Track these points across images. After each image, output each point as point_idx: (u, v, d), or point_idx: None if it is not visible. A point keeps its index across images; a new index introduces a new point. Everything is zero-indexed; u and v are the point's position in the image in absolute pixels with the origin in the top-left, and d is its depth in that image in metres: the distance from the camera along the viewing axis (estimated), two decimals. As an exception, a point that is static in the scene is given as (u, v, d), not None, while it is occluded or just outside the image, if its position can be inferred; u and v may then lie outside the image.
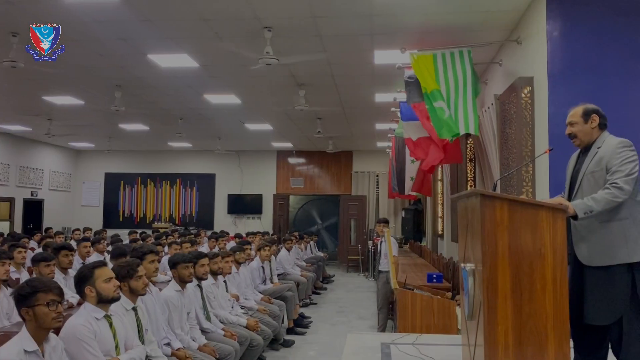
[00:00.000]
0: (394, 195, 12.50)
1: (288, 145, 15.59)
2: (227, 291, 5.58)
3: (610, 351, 2.95)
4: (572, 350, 2.84)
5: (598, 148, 2.95)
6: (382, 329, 6.72)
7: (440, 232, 11.66)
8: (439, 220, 11.80)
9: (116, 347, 3.14)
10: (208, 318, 4.83)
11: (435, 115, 5.54)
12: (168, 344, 4.01)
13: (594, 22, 4.80)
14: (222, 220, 16.47)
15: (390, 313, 6.88)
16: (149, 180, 16.99)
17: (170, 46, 6.79)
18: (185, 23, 6.04)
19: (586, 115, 3.00)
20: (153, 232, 11.80)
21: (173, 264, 4.49)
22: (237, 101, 9.76)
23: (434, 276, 6.62)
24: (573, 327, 2.79)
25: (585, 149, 3.04)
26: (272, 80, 8.37)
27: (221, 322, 4.99)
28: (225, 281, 5.61)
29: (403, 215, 15.85)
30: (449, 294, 5.91)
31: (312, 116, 10.93)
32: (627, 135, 2.95)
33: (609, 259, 2.80)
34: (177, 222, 16.53)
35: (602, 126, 3.01)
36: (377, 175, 16.20)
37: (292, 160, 16.71)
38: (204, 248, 8.67)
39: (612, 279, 2.78)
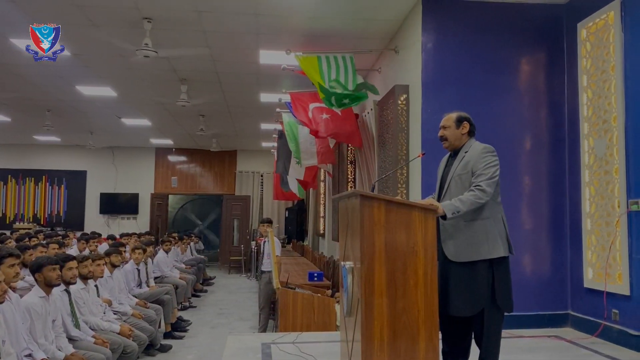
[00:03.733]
0: (280, 197, 12.60)
1: (168, 142, 15.03)
2: (98, 296, 5.26)
3: (473, 341, 3.20)
4: (440, 342, 3.04)
5: (465, 153, 3.20)
6: (264, 329, 6.72)
7: (321, 232, 11.94)
8: (321, 220, 12.07)
9: (-35, 362, 2.81)
10: (77, 325, 4.51)
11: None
12: (30, 355, 3.69)
13: (463, 36, 5.20)
14: (94, 220, 15.43)
15: (271, 313, 6.90)
16: (9, 176, 15.44)
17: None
18: (55, 7, 5.58)
19: (459, 121, 3.25)
20: (13, 233, 10.73)
21: (37, 267, 4.13)
22: (112, 94, 9.21)
23: (315, 275, 6.77)
24: (440, 320, 2.98)
25: (454, 153, 3.28)
26: (151, 74, 8.02)
27: (92, 329, 4.70)
28: (96, 285, 5.28)
29: (286, 215, 16.01)
30: (329, 292, 6.06)
31: (195, 113, 10.64)
32: (488, 142, 3.23)
33: (472, 255, 3.04)
34: (42, 223, 15.19)
35: (471, 133, 3.27)
36: (262, 176, 16.19)
37: (172, 158, 16.13)
38: (73, 250, 8.05)
39: (474, 274, 3.02)
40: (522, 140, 5.24)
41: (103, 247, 8.41)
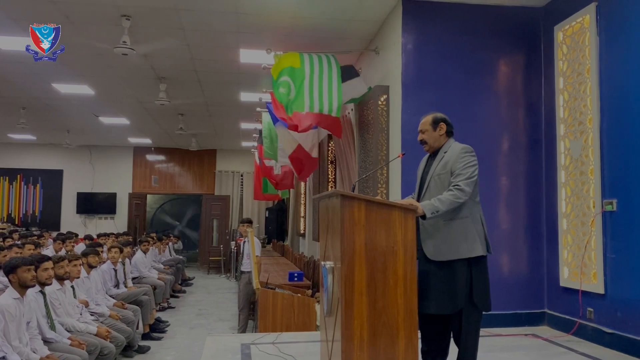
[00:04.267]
0: (260, 197, 12.54)
1: (147, 141, 14.86)
2: (75, 297, 5.18)
3: (452, 340, 3.23)
4: (419, 341, 3.06)
5: (444, 153, 3.22)
6: (243, 329, 6.69)
7: (302, 232, 11.93)
8: (301, 219, 12.06)
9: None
10: (52, 327, 4.43)
11: (280, 96, 5.65)
12: (3, 358, 3.62)
13: (443, 38, 5.25)
14: (70, 220, 15.18)
15: (251, 313, 6.87)
16: (-17, 175, 15.13)
17: (13, 28, 6.10)
18: (30, 3, 5.48)
19: (435, 123, 3.27)
20: (-14, 234, 10.49)
21: (11, 268, 4.05)
22: (90, 92, 9.07)
23: (295, 275, 6.76)
24: (420, 319, 3.00)
25: (434, 154, 3.31)
26: (130, 72, 7.92)
27: (68, 331, 4.62)
28: (73, 286, 5.20)
29: (267, 215, 15.95)
30: (309, 292, 6.06)
31: (174, 112, 10.54)
32: (466, 143, 3.26)
33: (451, 254, 3.06)
34: (16, 223, 14.89)
35: (449, 133, 3.30)
36: (242, 175, 16.10)
37: (150, 158, 15.94)
38: (49, 251, 7.91)
39: (453, 273, 3.05)
40: (500, 141, 5.30)
41: (80, 248, 8.29)
